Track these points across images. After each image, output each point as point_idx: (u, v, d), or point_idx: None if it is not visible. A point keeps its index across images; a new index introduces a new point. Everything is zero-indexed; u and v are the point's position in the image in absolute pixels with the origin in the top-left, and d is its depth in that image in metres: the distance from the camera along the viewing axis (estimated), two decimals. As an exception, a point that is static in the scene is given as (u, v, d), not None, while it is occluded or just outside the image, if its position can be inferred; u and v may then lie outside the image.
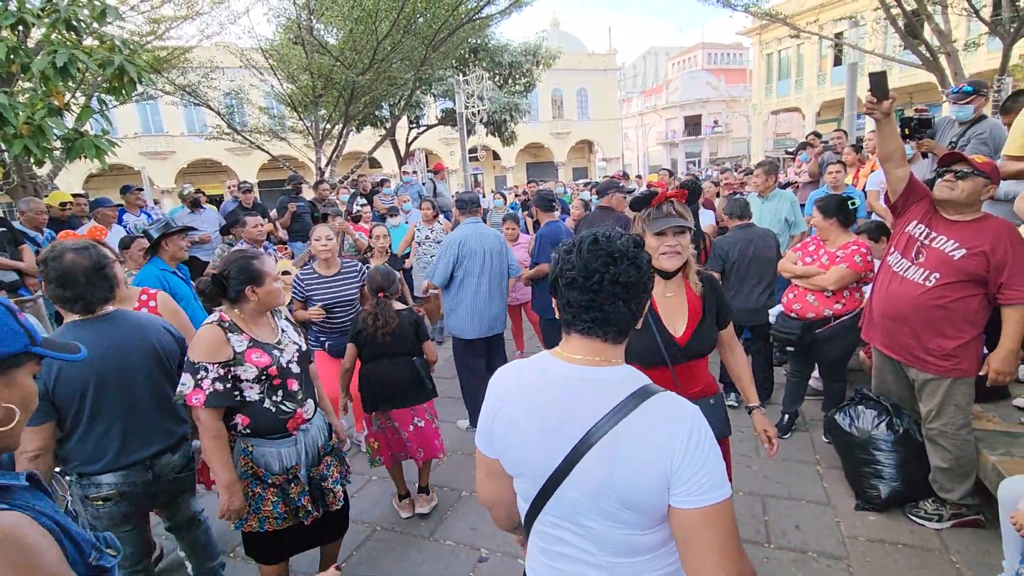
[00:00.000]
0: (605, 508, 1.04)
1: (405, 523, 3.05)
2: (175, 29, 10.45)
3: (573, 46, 37.24)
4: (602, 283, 1.05)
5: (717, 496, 0.98)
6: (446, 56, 12.12)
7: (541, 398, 1.12)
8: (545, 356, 1.18)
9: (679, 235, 1.83)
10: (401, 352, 2.94)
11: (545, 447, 1.08)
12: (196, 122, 25.05)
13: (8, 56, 4.73)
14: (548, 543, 1.16)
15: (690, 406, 1.06)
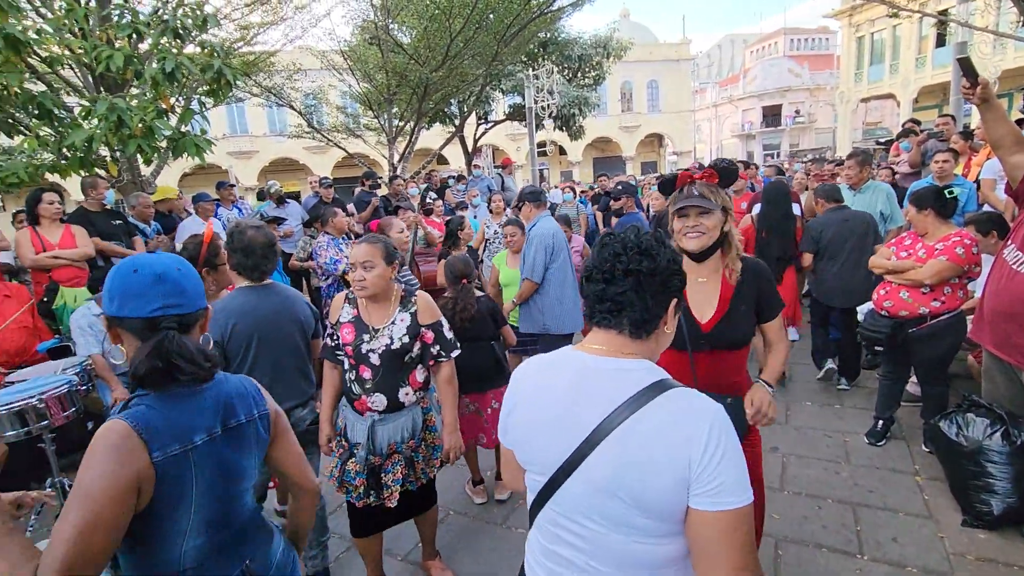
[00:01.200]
0: (611, 506, 0.99)
1: (477, 509, 3.10)
2: (262, 34, 11.13)
3: (644, 37, 36.31)
4: (613, 273, 1.07)
5: (738, 501, 0.94)
6: (517, 51, 12.14)
7: (556, 388, 1.10)
8: (567, 349, 1.17)
9: (702, 215, 1.80)
10: (481, 337, 3.02)
11: (556, 437, 1.06)
12: (278, 122, 26.65)
13: (124, 64, 5.19)
14: (548, 541, 1.12)
15: (712, 403, 1.01)
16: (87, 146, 5.22)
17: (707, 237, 1.81)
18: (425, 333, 2.25)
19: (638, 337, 1.08)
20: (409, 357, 2.22)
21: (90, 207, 4.80)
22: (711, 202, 1.79)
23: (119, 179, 6.71)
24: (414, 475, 2.26)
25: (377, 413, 2.19)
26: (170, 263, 1.20)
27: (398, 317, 2.20)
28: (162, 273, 1.16)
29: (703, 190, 1.81)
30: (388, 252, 2.19)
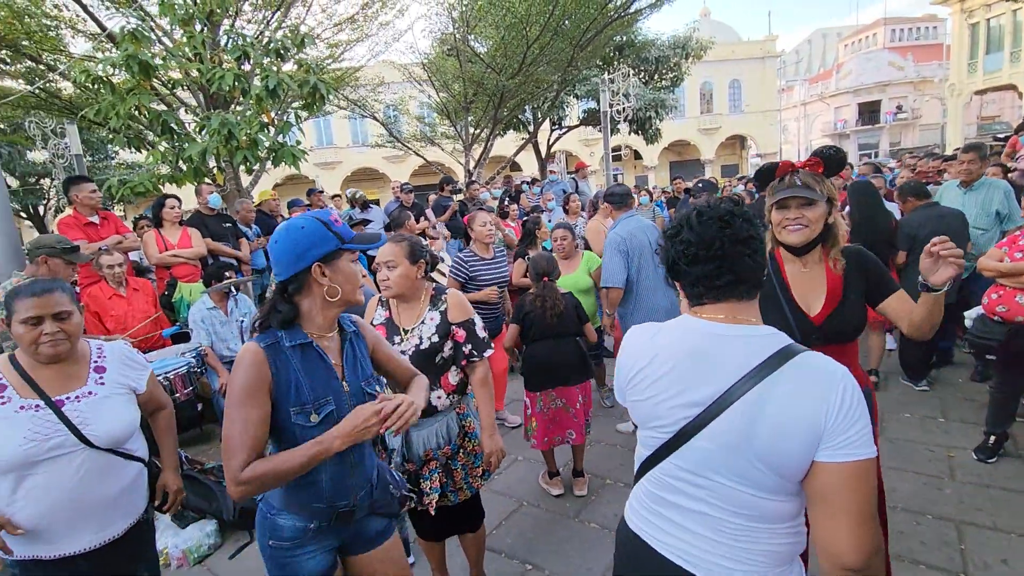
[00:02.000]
0: (738, 463, 1.05)
1: (551, 501, 3.15)
2: (349, 51, 11.85)
3: (726, 35, 34.98)
4: (724, 247, 1.10)
5: (864, 453, 0.99)
6: (592, 55, 12.15)
7: (681, 354, 1.15)
8: (684, 317, 1.22)
9: (805, 207, 1.69)
10: (566, 332, 3.08)
11: (681, 400, 1.12)
12: (360, 134, 28.28)
13: (233, 83, 5.74)
14: (665, 492, 1.18)
15: (839, 365, 1.05)
16: (201, 157, 5.83)
17: (810, 230, 1.70)
18: (456, 331, 2.13)
19: (752, 298, 1.15)
20: (440, 358, 2.12)
21: (204, 211, 5.32)
22: (815, 192, 1.67)
23: (223, 188, 7.41)
24: (453, 485, 2.16)
25: None
26: (272, 237, 1.49)
27: (428, 316, 2.13)
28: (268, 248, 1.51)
29: (807, 179, 1.69)
30: (412, 251, 2.11)
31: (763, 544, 1.08)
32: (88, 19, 8.11)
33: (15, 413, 1.61)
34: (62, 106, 9.00)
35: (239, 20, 8.45)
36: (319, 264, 1.43)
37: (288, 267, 1.43)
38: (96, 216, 4.35)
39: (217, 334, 4.19)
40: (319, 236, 1.43)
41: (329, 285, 1.45)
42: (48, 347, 1.65)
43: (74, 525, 1.67)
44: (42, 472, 1.61)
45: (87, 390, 1.73)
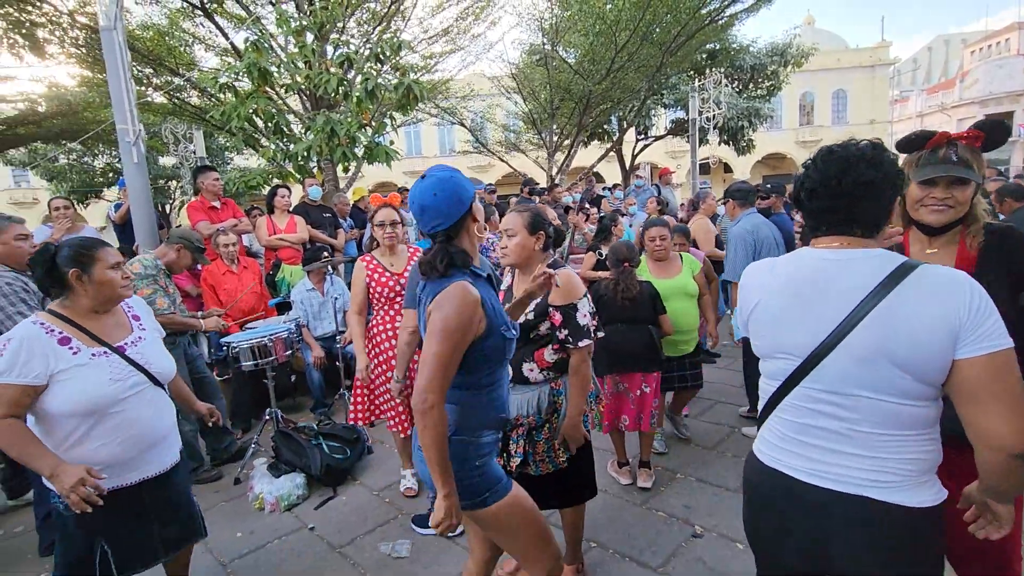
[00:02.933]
0: (878, 374, 1.10)
1: (619, 488, 3.13)
2: (441, 63, 12.42)
3: (831, 43, 33.01)
4: (840, 187, 1.15)
5: (1004, 343, 1.04)
6: (682, 60, 11.91)
7: (799, 281, 1.22)
8: (800, 250, 1.28)
9: (955, 186, 1.48)
10: (639, 319, 3.06)
11: (807, 324, 1.18)
12: (446, 144, 29.40)
13: (337, 86, 6.23)
14: (803, 417, 1.22)
15: (960, 271, 1.10)
16: (306, 155, 6.36)
17: (955, 212, 1.51)
18: (553, 314, 2.08)
19: (870, 236, 1.20)
20: (535, 334, 2.11)
21: (307, 202, 5.79)
22: (971, 171, 1.47)
23: (323, 185, 8.01)
24: (535, 456, 2.15)
25: (510, 381, 2.13)
26: (425, 192, 1.55)
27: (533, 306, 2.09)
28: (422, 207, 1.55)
29: (964, 155, 1.48)
30: (533, 222, 2.10)
31: (910, 452, 1.13)
32: (218, 34, 9.13)
33: (91, 359, 1.78)
34: (192, 112, 10.11)
35: (344, 35, 9.18)
36: (473, 202, 1.60)
37: (452, 214, 1.55)
38: (218, 201, 4.87)
39: (313, 314, 4.54)
40: (465, 181, 1.59)
41: (479, 219, 1.63)
42: (127, 289, 1.91)
43: (144, 455, 1.89)
44: (124, 409, 1.82)
45: (137, 336, 1.95)
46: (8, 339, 1.72)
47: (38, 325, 1.77)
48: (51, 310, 1.85)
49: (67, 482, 1.63)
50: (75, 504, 1.64)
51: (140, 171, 4.72)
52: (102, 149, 16.64)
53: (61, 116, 12.07)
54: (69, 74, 10.88)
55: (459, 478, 1.55)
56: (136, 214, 4.65)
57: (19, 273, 2.71)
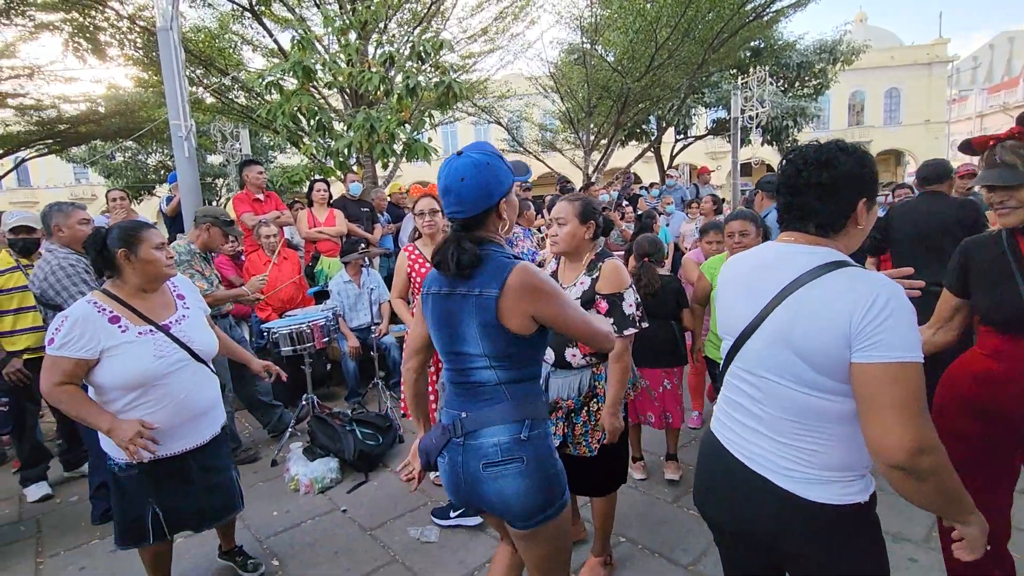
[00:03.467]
0: (780, 359, 1.14)
1: (649, 485, 3.09)
2: (479, 62, 12.53)
3: (884, 40, 31.69)
4: (797, 186, 1.19)
5: (900, 356, 1.01)
6: (725, 57, 11.65)
7: (750, 269, 1.29)
8: (765, 243, 1.36)
9: (1010, 189, 1.52)
10: (660, 314, 3.01)
11: (745, 305, 1.25)
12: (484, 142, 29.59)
13: (378, 84, 6.36)
14: (732, 393, 1.31)
15: (888, 281, 1.07)
16: (346, 151, 6.51)
17: (1019, 212, 1.54)
18: (599, 302, 2.10)
19: (825, 235, 1.20)
20: None
21: (347, 197, 5.93)
22: (1015, 171, 1.49)
23: (361, 181, 8.18)
24: (573, 438, 2.18)
25: (550, 365, 2.23)
26: (453, 174, 1.37)
27: (580, 280, 2.15)
28: (446, 187, 1.39)
29: (1008, 155, 1.51)
30: (584, 211, 2.13)
31: (814, 445, 1.14)
32: (265, 35, 9.45)
33: (138, 337, 1.92)
34: (239, 111, 10.49)
35: (385, 35, 9.39)
36: (504, 198, 1.42)
37: (478, 204, 1.38)
38: (261, 194, 5.04)
39: (349, 305, 4.64)
40: (503, 172, 1.41)
41: (507, 220, 1.45)
42: (171, 267, 2.03)
43: (187, 425, 2.03)
44: (168, 383, 1.95)
45: (181, 315, 2.07)
46: (65, 317, 1.87)
47: (91, 304, 1.91)
48: (104, 290, 1.98)
49: (125, 435, 1.80)
50: (133, 454, 1.81)
51: (191, 165, 4.93)
52: (155, 147, 17.44)
53: (119, 115, 12.73)
54: (127, 75, 11.46)
55: (550, 475, 1.44)
56: (186, 206, 4.86)
57: (81, 256, 2.87)
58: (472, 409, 1.44)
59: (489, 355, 1.41)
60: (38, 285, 2.74)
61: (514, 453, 1.39)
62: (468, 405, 1.45)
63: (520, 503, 1.40)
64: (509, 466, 1.39)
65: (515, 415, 1.42)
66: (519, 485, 1.39)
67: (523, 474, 1.39)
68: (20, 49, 10.62)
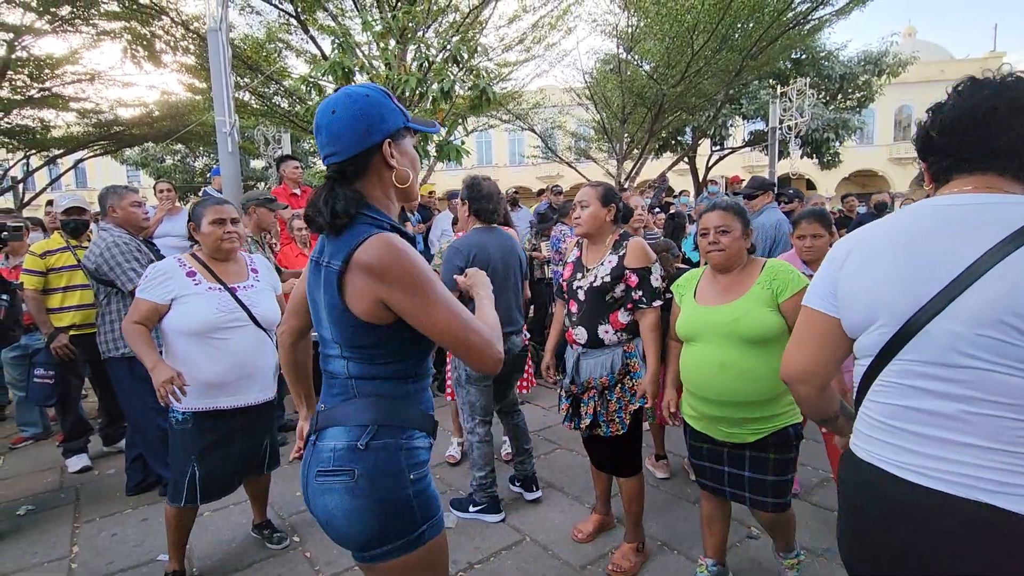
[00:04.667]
0: (1001, 338, 0.87)
1: (669, 484, 3.05)
2: (515, 71, 12.68)
3: (933, 54, 30.70)
4: (992, 113, 0.95)
5: None
6: (763, 65, 11.48)
7: (912, 232, 1.00)
8: (914, 204, 1.07)
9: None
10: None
11: (914, 281, 0.96)
12: (516, 154, 29.82)
13: (415, 88, 6.50)
14: (902, 399, 0.98)
15: None
16: (381, 151, 6.66)
17: None
18: (629, 276, 2.22)
19: (1016, 178, 0.97)
20: (611, 297, 2.24)
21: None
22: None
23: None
24: (607, 415, 2.26)
25: (581, 347, 2.33)
26: (324, 108, 1.15)
27: (607, 259, 2.27)
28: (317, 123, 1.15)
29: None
30: (606, 195, 2.27)
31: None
32: (309, 42, 9.80)
33: (208, 291, 2.17)
34: (280, 114, 10.87)
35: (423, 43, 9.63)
36: (390, 140, 1.16)
37: (353, 143, 1.13)
38: (298, 189, 5.21)
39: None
40: (388, 108, 1.16)
41: (399, 168, 1.18)
42: (228, 243, 2.23)
43: (240, 383, 2.21)
44: (225, 337, 2.16)
45: (250, 283, 2.31)
46: (153, 267, 2.20)
47: (176, 260, 2.23)
48: (192, 252, 2.30)
49: (160, 377, 1.99)
50: (161, 397, 1.98)
51: (233, 159, 5.14)
52: (202, 151, 18.20)
53: (170, 119, 13.34)
54: (179, 81, 12.02)
55: (388, 499, 1.14)
56: (228, 197, 5.05)
57: (133, 236, 3.01)
58: (328, 402, 1.23)
59: (339, 343, 1.17)
60: (93, 261, 2.88)
61: (344, 464, 1.14)
62: (326, 396, 1.24)
63: (346, 527, 1.15)
64: (337, 478, 1.14)
65: (359, 417, 1.16)
66: (344, 504, 1.13)
67: (349, 491, 1.13)
68: (83, 56, 11.28)
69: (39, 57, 10.87)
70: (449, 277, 2.65)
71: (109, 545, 2.65)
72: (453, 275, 2.57)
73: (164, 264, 2.21)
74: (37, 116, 12.22)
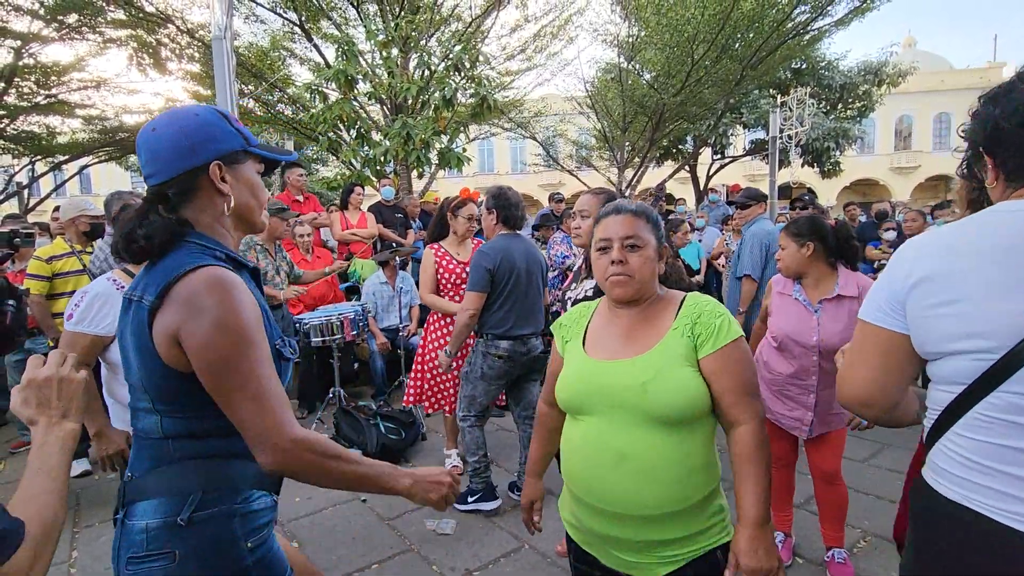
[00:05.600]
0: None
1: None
2: (516, 80, 12.75)
3: (933, 64, 30.83)
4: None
5: None
6: (764, 74, 11.55)
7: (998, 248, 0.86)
8: (993, 208, 0.92)
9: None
10: None
11: (1012, 305, 0.82)
12: (518, 162, 29.98)
13: (417, 95, 6.58)
14: (1007, 438, 0.85)
15: None
16: (383, 158, 6.72)
17: None
18: None
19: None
20: None
21: (382, 202, 6.11)
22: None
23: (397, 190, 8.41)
24: None
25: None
26: (145, 128, 1.03)
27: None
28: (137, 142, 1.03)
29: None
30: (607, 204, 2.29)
31: None
32: (312, 50, 9.88)
33: None
34: (284, 122, 10.96)
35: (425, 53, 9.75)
36: (218, 163, 1.03)
37: (173, 163, 1.00)
38: (301, 196, 5.25)
39: (382, 306, 4.76)
40: (219, 129, 1.04)
41: (231, 194, 1.05)
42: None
43: None
44: None
45: None
46: (84, 292, 1.86)
47: (110, 282, 1.88)
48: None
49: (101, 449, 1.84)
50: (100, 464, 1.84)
51: (236, 166, 5.18)
52: (206, 158, 18.29)
53: (174, 126, 13.43)
54: (184, 88, 12.12)
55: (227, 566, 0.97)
56: (230, 204, 5.09)
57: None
58: (137, 469, 1.01)
59: (150, 392, 0.98)
60: (98, 266, 2.91)
61: (162, 546, 0.94)
62: (136, 463, 1.02)
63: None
64: (154, 563, 0.94)
65: (178, 486, 0.96)
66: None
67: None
68: (89, 63, 11.39)
69: (46, 64, 10.98)
70: (478, 278, 2.73)
71: (109, 550, 2.65)
72: (482, 276, 2.71)
73: (97, 288, 1.83)
74: (43, 122, 12.30)
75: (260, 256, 3.73)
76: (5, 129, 11.47)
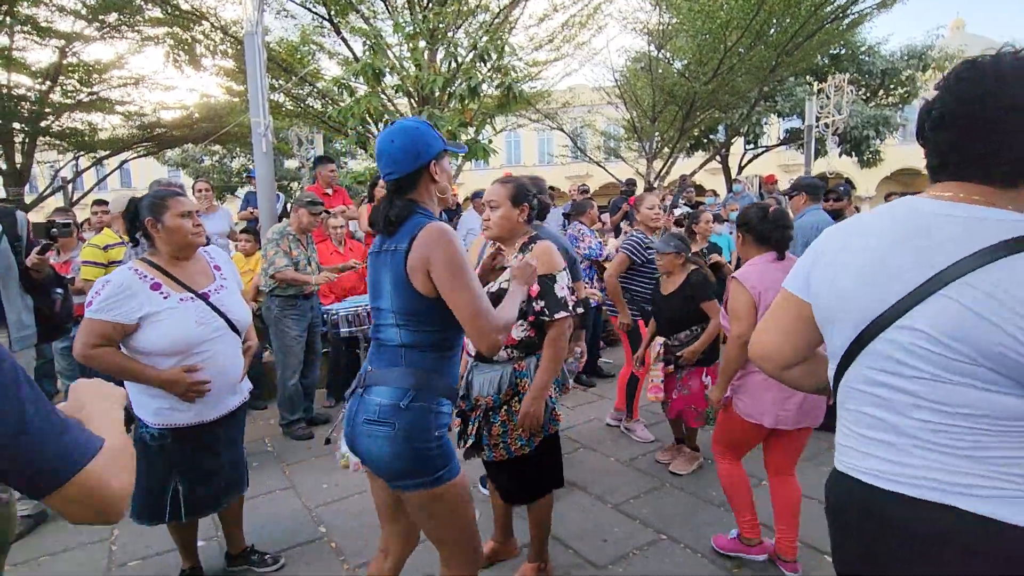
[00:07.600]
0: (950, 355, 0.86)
1: (697, 486, 3.03)
2: (544, 71, 12.63)
3: (983, 47, 28.80)
4: (982, 110, 0.86)
5: None
6: (800, 61, 11.17)
7: (885, 234, 0.96)
8: (899, 200, 1.01)
9: None
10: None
11: (878, 286, 0.93)
12: (545, 153, 29.75)
13: (443, 87, 6.57)
14: (864, 406, 0.98)
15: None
16: (410, 150, 6.75)
17: None
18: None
19: (1011, 186, 0.89)
20: None
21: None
22: None
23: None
24: (489, 439, 2.02)
25: (472, 358, 2.09)
26: (385, 137, 1.52)
27: (510, 262, 1.97)
28: (379, 150, 1.53)
29: None
30: (516, 194, 2.01)
31: (999, 451, 0.85)
32: (341, 44, 9.98)
33: (180, 303, 1.92)
34: (313, 115, 11.12)
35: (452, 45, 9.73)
36: (434, 161, 1.52)
37: (407, 164, 1.50)
38: (330, 189, 5.33)
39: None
40: (432, 136, 1.53)
41: (439, 181, 1.56)
42: (199, 237, 2.02)
43: (223, 393, 2.04)
44: (208, 350, 1.96)
45: (219, 284, 2.07)
46: (107, 281, 1.89)
47: (132, 271, 1.92)
48: (143, 258, 2.01)
49: (180, 387, 1.90)
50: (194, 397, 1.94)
51: (267, 159, 5.27)
52: (239, 152, 18.74)
53: (208, 120, 13.78)
54: (218, 84, 12.41)
55: (418, 449, 1.46)
56: (261, 197, 5.19)
57: None
58: (376, 365, 1.55)
59: (396, 311, 1.50)
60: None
61: (388, 418, 1.45)
62: (375, 360, 1.56)
63: (384, 465, 1.48)
64: (381, 428, 1.45)
65: (402, 382, 1.48)
66: (384, 448, 1.45)
67: (389, 439, 1.44)
68: (128, 60, 11.77)
69: (88, 63, 11.38)
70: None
71: (148, 528, 2.75)
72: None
73: (120, 277, 1.88)
74: (86, 119, 12.76)
75: (292, 246, 3.80)
76: (51, 126, 11.95)
